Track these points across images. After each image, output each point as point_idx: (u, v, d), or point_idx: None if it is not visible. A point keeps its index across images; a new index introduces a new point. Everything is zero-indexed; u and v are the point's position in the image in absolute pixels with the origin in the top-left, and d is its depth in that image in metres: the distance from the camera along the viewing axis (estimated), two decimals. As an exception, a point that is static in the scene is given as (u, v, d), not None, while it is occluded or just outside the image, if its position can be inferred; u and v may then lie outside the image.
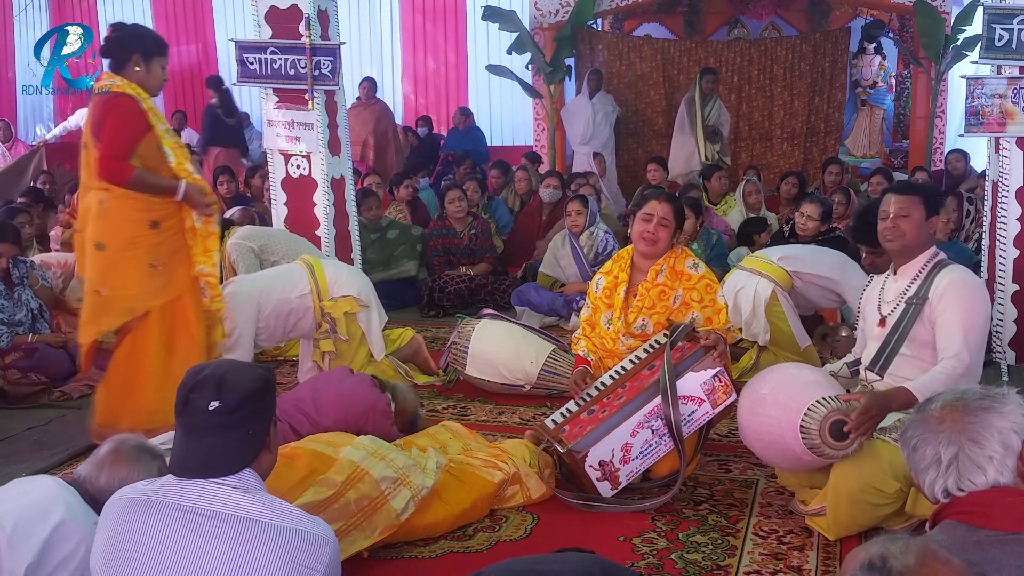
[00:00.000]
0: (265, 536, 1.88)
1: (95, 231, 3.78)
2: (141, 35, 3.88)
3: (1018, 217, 4.91)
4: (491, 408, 4.45)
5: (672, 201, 3.69)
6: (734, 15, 11.56)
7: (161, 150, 3.78)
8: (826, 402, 2.89)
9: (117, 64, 3.77)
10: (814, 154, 10.36)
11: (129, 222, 3.75)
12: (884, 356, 3.15)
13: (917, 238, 3.15)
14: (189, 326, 3.88)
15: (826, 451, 2.87)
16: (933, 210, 3.18)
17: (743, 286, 4.74)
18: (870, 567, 1.34)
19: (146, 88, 3.80)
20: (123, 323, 3.81)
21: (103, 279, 3.79)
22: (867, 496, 2.86)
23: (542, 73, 10.19)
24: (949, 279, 3.06)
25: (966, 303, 3.03)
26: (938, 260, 3.16)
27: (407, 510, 2.94)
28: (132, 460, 2.45)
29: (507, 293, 6.30)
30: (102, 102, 3.73)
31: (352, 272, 4.99)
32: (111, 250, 3.76)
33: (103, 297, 3.78)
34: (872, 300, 3.33)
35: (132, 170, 3.69)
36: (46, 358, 4.74)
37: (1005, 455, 1.72)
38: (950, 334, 2.99)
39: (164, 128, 3.82)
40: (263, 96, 6.11)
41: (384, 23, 12.06)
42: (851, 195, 7.09)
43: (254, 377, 2.01)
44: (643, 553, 2.96)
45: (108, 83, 3.75)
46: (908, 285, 3.16)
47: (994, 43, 4.73)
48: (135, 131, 3.71)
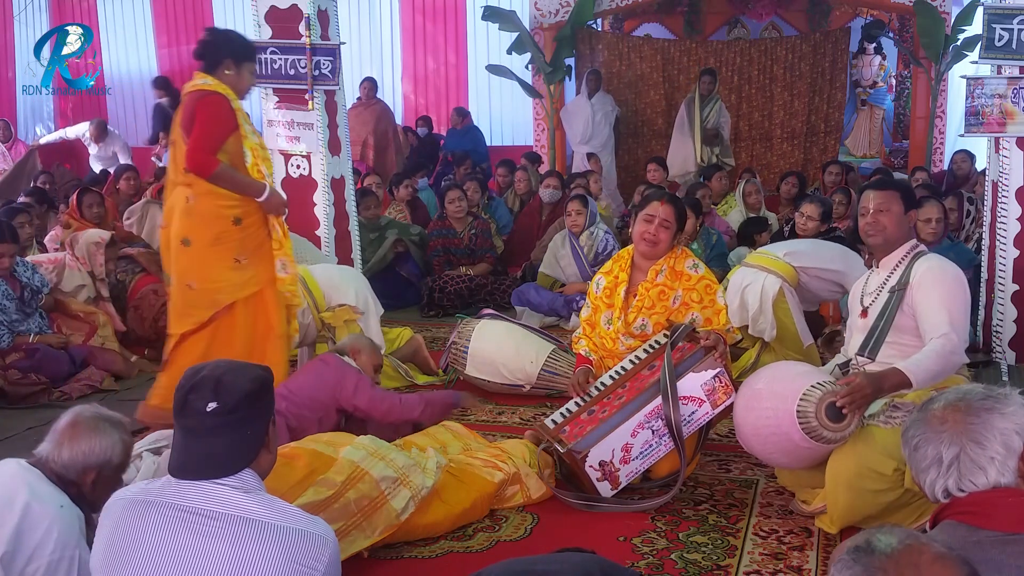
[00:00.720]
0: (265, 536, 1.88)
1: (181, 227, 3.93)
2: (233, 40, 4.04)
3: (1018, 217, 4.91)
4: (491, 408, 4.45)
5: (674, 203, 3.69)
6: (734, 15, 11.56)
7: (242, 150, 3.91)
8: (820, 386, 2.93)
9: (209, 67, 3.93)
10: (814, 154, 10.36)
11: (215, 219, 3.90)
12: (871, 345, 3.20)
13: (897, 231, 3.22)
14: (270, 318, 4.03)
15: (824, 434, 2.88)
16: (911, 204, 3.27)
17: (750, 282, 4.74)
18: (855, 549, 1.39)
19: (236, 91, 3.96)
20: (211, 315, 3.95)
21: (192, 273, 3.95)
22: (865, 481, 2.87)
23: (542, 73, 10.19)
24: (927, 266, 3.13)
25: (944, 285, 3.07)
26: (917, 251, 3.23)
27: (407, 510, 2.94)
28: (92, 431, 2.41)
29: (507, 293, 6.31)
30: (194, 99, 3.87)
31: (343, 274, 4.96)
32: (197, 246, 3.92)
33: (194, 291, 3.94)
34: (856, 294, 3.38)
35: (218, 164, 3.82)
36: (47, 358, 4.74)
37: (1007, 456, 1.72)
38: (934, 315, 3.02)
39: (249, 129, 3.95)
40: (263, 96, 6.11)
41: (384, 23, 12.05)
42: (851, 195, 7.08)
43: (252, 377, 2.01)
44: (643, 553, 2.96)
45: (200, 82, 3.91)
46: (888, 275, 3.22)
47: (994, 43, 4.73)
48: (225, 127, 3.85)
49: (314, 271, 4.81)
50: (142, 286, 5.55)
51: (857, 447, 2.89)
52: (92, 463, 2.39)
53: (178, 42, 12.74)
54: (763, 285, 4.68)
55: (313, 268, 4.89)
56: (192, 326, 3.97)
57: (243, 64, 3.97)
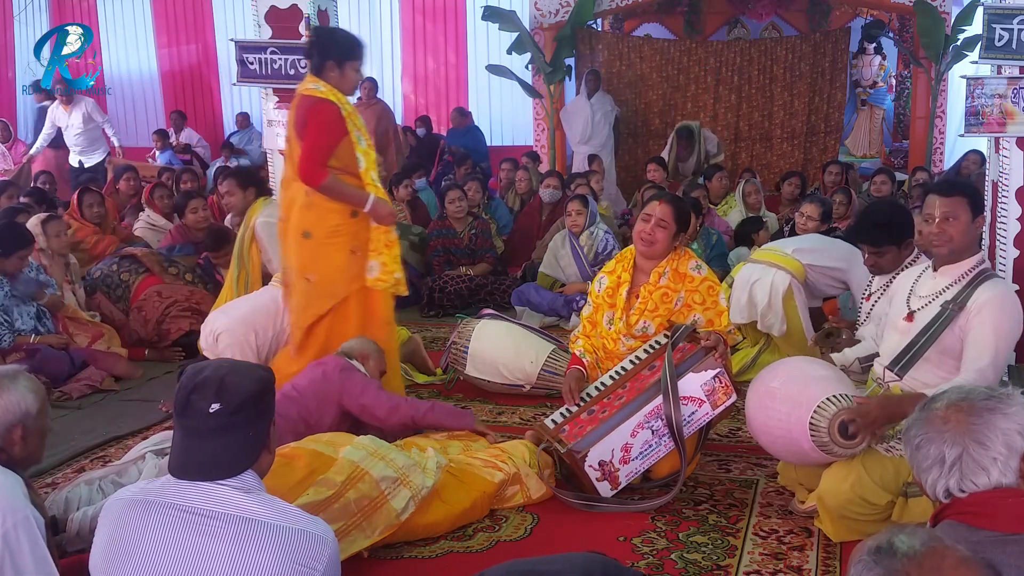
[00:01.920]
0: (265, 536, 1.88)
1: (302, 220, 4.01)
2: (334, 41, 4.07)
3: (1018, 217, 4.90)
4: (491, 408, 4.45)
5: (673, 203, 3.64)
6: (734, 15, 11.56)
7: (355, 155, 3.98)
8: (836, 400, 2.89)
9: (316, 68, 3.99)
10: (814, 154, 10.37)
11: (334, 211, 3.98)
12: (908, 357, 3.03)
13: (964, 241, 2.99)
14: (379, 309, 4.11)
15: (835, 449, 2.87)
16: (978, 209, 3.01)
17: (758, 278, 4.72)
18: (877, 550, 1.37)
19: (341, 90, 4.01)
20: (331, 307, 4.02)
21: (311, 266, 4.02)
22: (856, 508, 2.86)
23: (542, 73, 10.19)
24: (991, 293, 2.91)
25: (1003, 322, 2.91)
26: (983, 268, 3.01)
27: (407, 510, 2.94)
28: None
29: (507, 293, 6.30)
30: (307, 106, 3.93)
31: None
32: (317, 238, 3.99)
33: (312, 283, 4.02)
34: (903, 291, 3.19)
35: (326, 175, 3.90)
36: (47, 359, 4.74)
37: (1009, 456, 1.71)
38: (980, 350, 2.88)
39: (358, 135, 4.02)
40: (263, 96, 6.11)
41: (384, 23, 12.06)
42: (852, 195, 7.09)
43: (255, 378, 2.01)
44: (643, 553, 2.96)
45: (311, 86, 3.96)
46: (947, 287, 3.01)
47: (994, 43, 4.72)
48: (334, 136, 3.93)
49: None
50: (145, 287, 5.54)
51: (855, 471, 2.85)
52: (12, 420, 2.37)
53: (178, 42, 12.75)
54: (772, 281, 4.67)
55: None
56: (312, 319, 4.05)
57: (345, 64, 4.00)
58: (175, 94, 12.82)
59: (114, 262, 5.70)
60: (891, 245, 3.79)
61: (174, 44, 12.77)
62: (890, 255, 3.82)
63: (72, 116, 9.70)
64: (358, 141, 4.01)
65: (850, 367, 3.39)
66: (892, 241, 3.78)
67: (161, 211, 6.85)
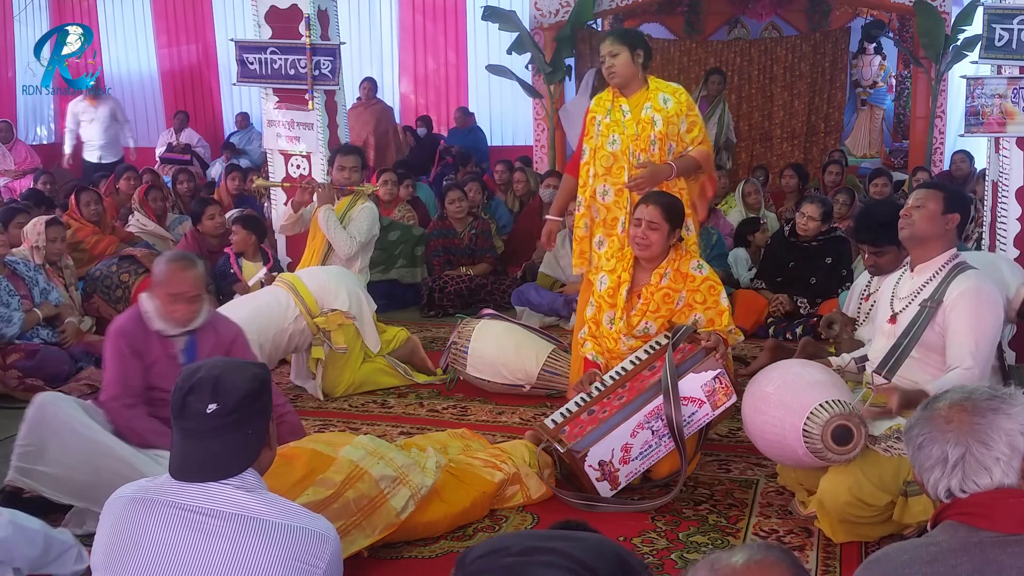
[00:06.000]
0: (266, 533, 1.88)
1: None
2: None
3: (1018, 217, 4.90)
4: (491, 408, 4.45)
5: (660, 203, 3.62)
6: (734, 15, 11.54)
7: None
8: (829, 406, 2.87)
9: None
10: (814, 154, 10.36)
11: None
12: (894, 359, 3.06)
13: (927, 228, 3.05)
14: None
15: (828, 455, 2.86)
16: (952, 207, 3.05)
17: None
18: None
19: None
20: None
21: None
22: (855, 510, 2.86)
23: (542, 73, 10.18)
24: (965, 286, 2.96)
25: (979, 313, 2.93)
26: (957, 263, 3.05)
27: (407, 509, 2.94)
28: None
29: (507, 293, 6.30)
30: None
31: (333, 276, 4.83)
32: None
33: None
34: (886, 293, 3.24)
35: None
36: (47, 359, 4.73)
37: (1011, 456, 1.70)
38: (960, 344, 2.91)
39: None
40: (263, 96, 6.11)
41: (384, 23, 12.04)
42: (854, 196, 7.09)
43: (250, 376, 2.00)
44: (643, 553, 2.96)
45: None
46: (923, 285, 3.07)
47: (994, 43, 4.73)
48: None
49: (303, 276, 4.75)
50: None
51: (853, 474, 2.85)
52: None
53: (178, 42, 12.73)
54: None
55: (301, 273, 4.85)
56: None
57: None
58: (175, 94, 12.80)
59: (114, 263, 5.70)
60: (891, 245, 3.79)
61: (174, 44, 12.75)
62: (890, 255, 3.82)
63: (99, 110, 9.91)
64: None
65: (846, 367, 3.39)
66: (892, 241, 3.77)
67: (154, 214, 6.78)
